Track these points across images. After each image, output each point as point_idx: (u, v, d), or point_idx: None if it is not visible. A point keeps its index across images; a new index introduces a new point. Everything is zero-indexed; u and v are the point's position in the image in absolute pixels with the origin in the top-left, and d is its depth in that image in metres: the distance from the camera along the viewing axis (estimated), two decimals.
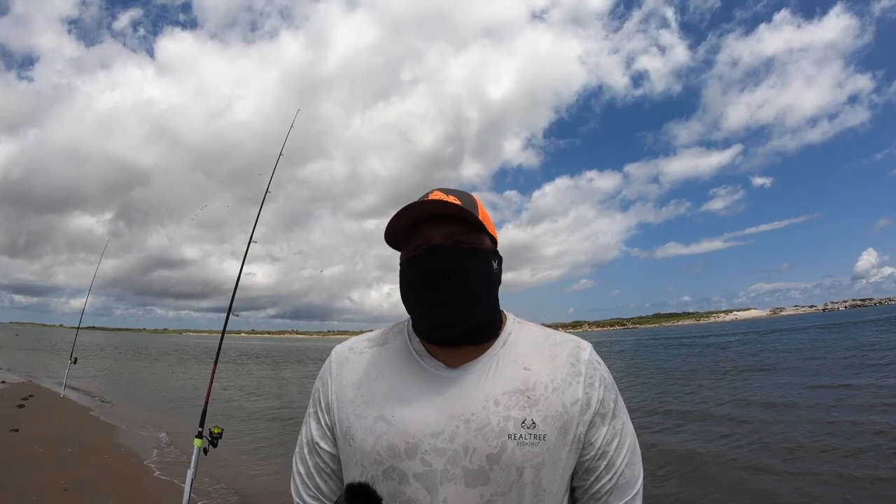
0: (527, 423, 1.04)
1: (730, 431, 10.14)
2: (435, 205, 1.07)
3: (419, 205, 1.08)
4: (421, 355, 1.14)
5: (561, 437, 1.06)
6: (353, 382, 1.15)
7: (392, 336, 1.21)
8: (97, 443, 8.63)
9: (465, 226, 1.10)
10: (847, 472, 7.22)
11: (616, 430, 1.12)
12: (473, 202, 1.17)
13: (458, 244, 1.09)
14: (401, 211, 1.08)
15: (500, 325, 1.18)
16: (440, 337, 1.12)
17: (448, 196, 1.13)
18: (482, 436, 1.02)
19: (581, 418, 1.08)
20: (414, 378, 1.11)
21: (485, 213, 1.17)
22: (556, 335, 1.19)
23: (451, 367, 1.11)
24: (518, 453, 1.02)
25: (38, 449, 7.61)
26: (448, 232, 1.09)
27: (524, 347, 1.15)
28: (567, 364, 1.12)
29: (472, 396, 1.06)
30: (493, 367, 1.10)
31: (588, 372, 1.12)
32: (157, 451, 8.67)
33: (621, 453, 1.11)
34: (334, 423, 1.14)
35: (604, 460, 1.10)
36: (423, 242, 1.10)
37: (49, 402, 12.60)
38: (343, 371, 1.18)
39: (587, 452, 1.09)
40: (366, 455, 1.06)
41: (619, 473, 1.11)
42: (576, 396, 1.09)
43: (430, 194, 1.15)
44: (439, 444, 1.02)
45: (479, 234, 1.12)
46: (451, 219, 1.10)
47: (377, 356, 1.18)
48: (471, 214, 1.08)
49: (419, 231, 1.11)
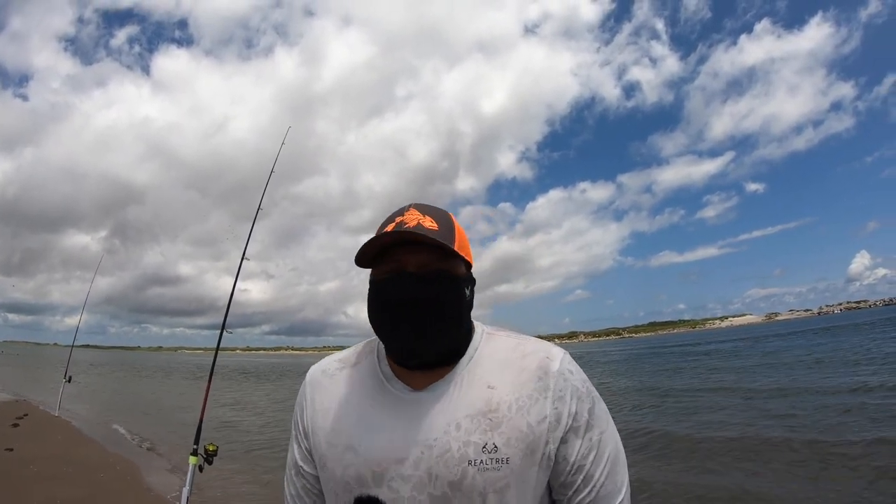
0: (488, 447, 1.02)
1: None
2: (408, 233, 1.03)
3: (394, 233, 1.04)
4: (388, 378, 1.13)
5: (527, 458, 1.03)
6: (325, 409, 1.15)
7: (363, 356, 1.20)
8: (93, 461, 8.58)
9: (440, 252, 1.06)
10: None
11: (592, 442, 1.07)
12: (450, 224, 1.12)
13: (432, 273, 1.06)
14: (374, 238, 1.06)
15: (468, 340, 1.14)
16: (407, 363, 1.10)
17: (425, 216, 1.08)
18: (443, 462, 1.01)
19: (551, 436, 1.04)
20: (380, 403, 1.10)
21: (462, 235, 1.13)
22: (526, 345, 1.14)
23: (416, 388, 1.09)
24: (479, 479, 1.00)
25: (33, 468, 7.56)
26: (422, 260, 1.06)
27: (491, 363, 1.11)
28: (534, 378, 1.07)
29: (434, 421, 1.05)
30: (457, 388, 1.08)
31: (557, 385, 1.07)
32: (153, 468, 8.65)
33: (600, 465, 1.07)
34: (312, 449, 1.15)
35: (580, 474, 1.06)
36: (395, 267, 1.07)
37: (44, 421, 12.49)
38: (316, 396, 1.18)
39: (561, 468, 1.06)
40: (337, 482, 1.08)
41: (598, 486, 1.06)
42: (543, 414, 1.05)
43: (406, 212, 1.10)
44: (405, 470, 1.02)
45: (453, 260, 1.09)
46: (426, 245, 1.05)
47: (347, 379, 1.17)
48: (447, 246, 1.04)
49: (392, 254, 1.07)
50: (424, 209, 1.11)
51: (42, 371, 35.17)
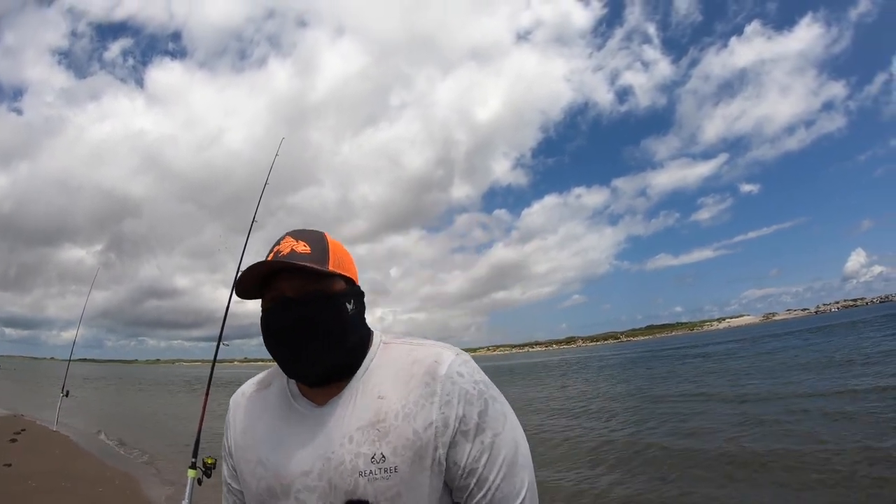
0: (376, 457, 1.06)
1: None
2: (277, 263, 1.10)
3: (264, 264, 1.11)
4: (294, 396, 1.19)
5: (416, 465, 1.06)
6: (242, 428, 1.24)
7: (274, 378, 1.27)
8: (91, 475, 8.57)
9: (314, 274, 1.12)
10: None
11: (485, 445, 1.09)
12: (324, 245, 1.17)
13: (308, 295, 1.11)
14: (247, 271, 1.12)
15: (365, 352, 1.19)
16: (302, 383, 1.18)
17: (298, 242, 1.14)
18: (339, 474, 1.07)
19: (439, 441, 1.07)
20: (287, 420, 1.17)
21: (338, 253, 1.19)
22: (419, 350, 1.17)
23: (319, 404, 1.15)
24: (370, 489, 1.05)
25: (31, 483, 7.54)
26: (297, 284, 1.12)
27: (384, 373, 1.15)
28: (421, 384, 1.11)
29: (332, 434, 1.10)
30: (352, 401, 1.13)
31: (444, 389, 1.09)
32: (152, 482, 8.65)
33: (494, 468, 1.08)
34: (235, 465, 1.24)
35: (473, 478, 1.08)
36: (275, 295, 1.13)
37: (42, 436, 12.44)
38: (236, 417, 1.27)
39: (454, 472, 1.08)
40: (252, 496, 1.17)
41: (493, 489, 1.08)
42: (429, 419, 1.07)
43: (282, 240, 1.16)
44: (309, 482, 1.08)
45: (327, 280, 1.14)
46: (300, 270, 1.11)
47: (261, 400, 1.25)
48: (311, 268, 1.09)
49: (271, 284, 1.14)
50: (298, 234, 1.17)
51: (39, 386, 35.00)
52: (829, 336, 42.68)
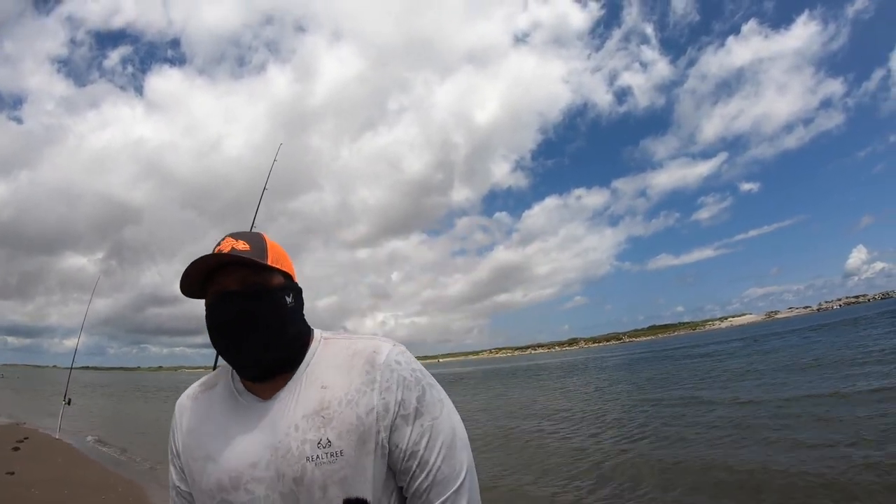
0: (322, 442, 1.11)
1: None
2: (216, 258, 1.15)
3: (202, 260, 1.15)
4: (240, 392, 1.23)
5: (360, 448, 1.12)
6: (190, 429, 1.27)
7: (220, 377, 1.31)
8: (94, 484, 8.58)
9: (253, 269, 1.17)
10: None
11: (424, 428, 1.15)
12: (262, 244, 1.22)
13: (248, 287, 1.16)
14: (188, 268, 1.15)
15: (306, 347, 1.24)
16: (245, 376, 1.21)
17: (238, 241, 1.19)
18: (286, 462, 1.11)
19: (381, 425, 1.13)
20: (234, 415, 1.21)
21: (276, 251, 1.24)
22: (357, 343, 1.23)
23: (263, 399, 1.20)
24: (318, 473, 1.10)
25: (34, 492, 7.55)
26: (238, 277, 1.17)
27: (325, 365, 1.21)
28: (362, 373, 1.17)
29: (278, 425, 1.15)
30: (295, 393, 1.18)
31: (384, 377, 1.16)
32: (155, 489, 8.64)
33: (434, 451, 1.15)
34: (183, 466, 1.27)
35: (414, 460, 1.14)
36: (217, 290, 1.17)
37: (44, 444, 12.45)
38: (183, 419, 1.30)
39: (396, 456, 1.14)
40: (202, 493, 1.19)
41: (434, 470, 1.14)
42: (371, 405, 1.13)
43: (223, 241, 1.20)
44: (257, 473, 1.13)
45: (267, 273, 1.19)
46: (240, 264, 1.16)
47: (206, 400, 1.29)
48: (250, 260, 1.15)
49: (214, 280, 1.18)
50: (238, 235, 1.22)
51: (42, 394, 35.04)
52: (830, 334, 42.48)
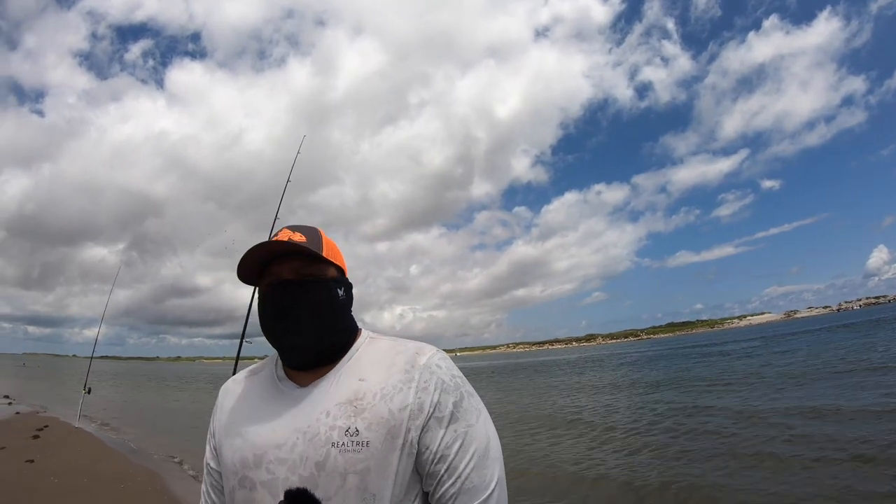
0: (350, 430, 1.11)
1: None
2: (277, 245, 1.20)
3: (263, 245, 1.20)
4: (280, 378, 1.26)
5: (388, 442, 1.11)
6: (229, 409, 1.31)
7: (266, 365, 1.34)
8: (114, 472, 8.56)
9: (309, 259, 1.23)
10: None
11: (458, 433, 1.14)
12: (318, 236, 1.27)
13: (303, 277, 1.22)
14: (247, 252, 1.20)
15: (351, 342, 1.28)
16: (291, 363, 1.24)
17: (294, 233, 1.24)
18: (312, 445, 1.12)
19: (412, 423, 1.12)
20: (270, 399, 1.24)
21: (330, 246, 1.29)
22: (402, 345, 1.26)
23: (302, 386, 1.22)
24: (340, 460, 1.09)
25: (54, 480, 7.55)
26: (294, 267, 1.22)
27: (367, 361, 1.23)
28: (401, 371, 1.18)
29: (311, 410, 1.17)
30: (334, 383, 1.20)
31: (422, 377, 1.17)
32: (175, 478, 8.61)
33: (465, 458, 1.13)
34: (216, 445, 1.30)
35: (443, 464, 1.12)
36: (272, 279, 1.22)
37: (64, 433, 12.54)
38: (224, 401, 1.34)
39: (425, 457, 1.13)
40: (227, 468, 1.22)
41: (463, 478, 1.12)
42: (405, 402, 1.14)
43: (280, 233, 1.26)
44: (281, 454, 1.14)
45: (322, 265, 1.25)
46: (296, 255, 1.22)
47: (249, 384, 1.32)
48: (308, 250, 1.20)
49: (269, 269, 1.23)
50: (295, 228, 1.28)
51: (62, 383, 35.55)
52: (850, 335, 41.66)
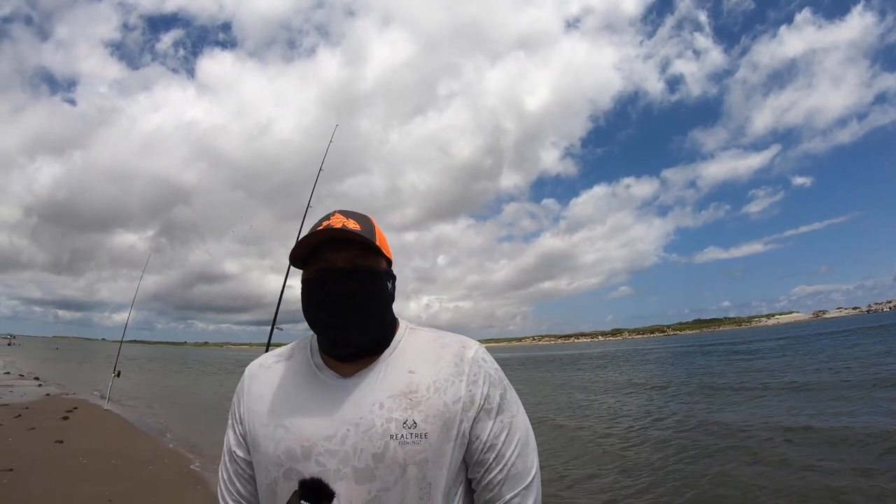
0: (408, 423, 1.11)
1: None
2: (337, 231, 1.16)
3: (323, 231, 1.16)
4: (319, 368, 1.23)
5: (443, 434, 1.13)
6: (260, 396, 1.24)
7: (297, 351, 1.30)
8: (141, 455, 8.60)
9: (363, 249, 1.19)
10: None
11: (504, 423, 1.19)
12: (371, 226, 1.25)
13: (357, 268, 1.18)
14: (305, 238, 1.17)
15: (392, 334, 1.26)
16: (336, 353, 1.20)
17: (348, 220, 1.20)
18: (367, 437, 1.10)
19: (465, 415, 1.15)
20: (311, 389, 1.20)
21: (381, 236, 1.26)
22: (445, 338, 1.26)
23: (344, 376, 1.19)
24: (400, 452, 1.09)
25: (82, 461, 7.60)
26: (348, 256, 1.18)
27: (412, 352, 1.23)
28: (451, 364, 1.20)
29: (360, 402, 1.14)
30: (381, 374, 1.18)
31: (472, 371, 1.19)
32: (201, 462, 8.60)
33: (510, 446, 1.18)
34: (246, 433, 1.23)
35: (492, 453, 1.16)
36: (325, 265, 1.18)
37: (93, 415, 12.74)
38: (252, 386, 1.27)
39: (475, 446, 1.16)
40: (269, 459, 1.16)
41: (509, 465, 1.17)
42: (458, 395, 1.16)
43: (332, 217, 1.22)
44: (332, 446, 1.11)
45: (375, 256, 1.22)
46: (351, 243, 1.18)
47: (282, 370, 1.27)
48: (368, 240, 1.17)
49: (321, 254, 1.19)
50: (348, 214, 1.24)
51: (92, 366, 36.28)
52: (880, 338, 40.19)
